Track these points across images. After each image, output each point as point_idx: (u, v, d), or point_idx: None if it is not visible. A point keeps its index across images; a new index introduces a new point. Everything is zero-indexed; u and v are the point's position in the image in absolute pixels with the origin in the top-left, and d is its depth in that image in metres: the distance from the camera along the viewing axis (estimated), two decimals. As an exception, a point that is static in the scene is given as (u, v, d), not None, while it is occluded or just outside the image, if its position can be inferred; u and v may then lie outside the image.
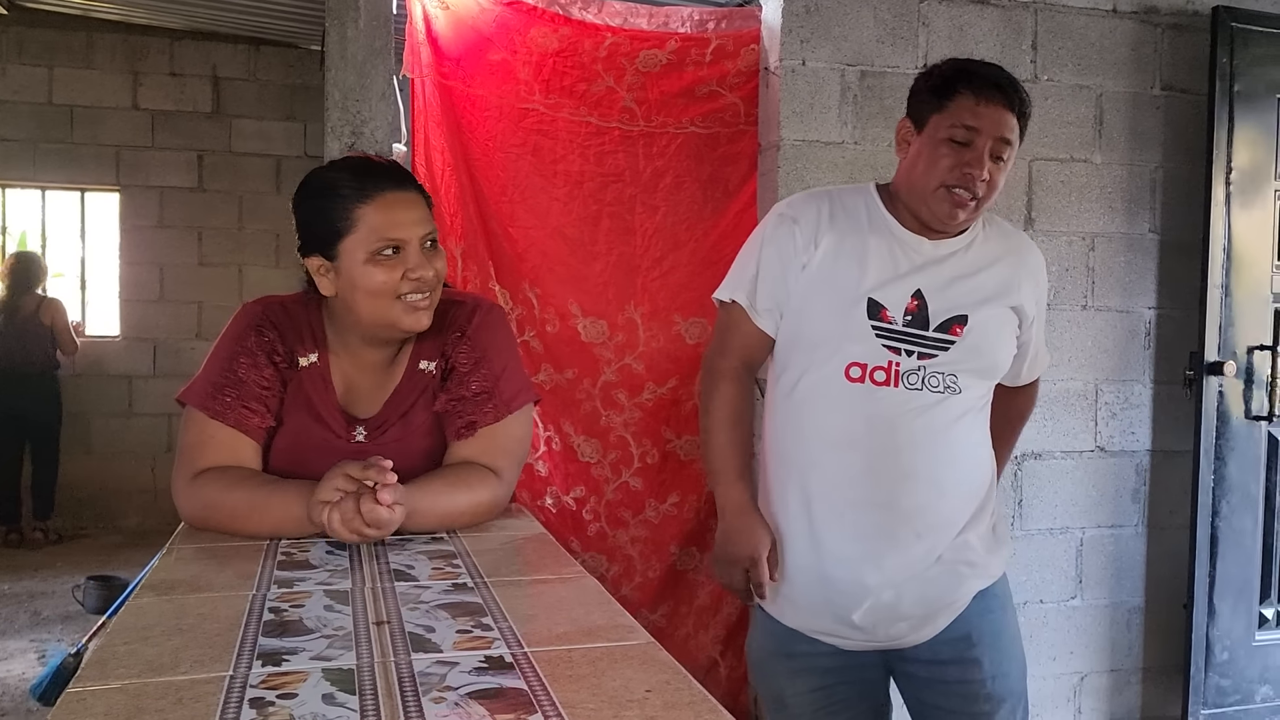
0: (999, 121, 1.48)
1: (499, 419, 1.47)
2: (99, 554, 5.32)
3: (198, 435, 1.41)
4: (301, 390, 1.46)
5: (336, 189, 1.42)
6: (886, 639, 1.60)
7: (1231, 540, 3.06)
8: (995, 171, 1.50)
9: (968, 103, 1.48)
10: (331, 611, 1.01)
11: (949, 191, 1.51)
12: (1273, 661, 3.13)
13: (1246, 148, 3.03)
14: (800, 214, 1.60)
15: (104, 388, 6.10)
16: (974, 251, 1.58)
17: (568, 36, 2.79)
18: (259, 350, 1.44)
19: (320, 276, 1.43)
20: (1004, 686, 1.59)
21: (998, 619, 1.61)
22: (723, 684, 2.95)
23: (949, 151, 1.50)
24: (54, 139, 6.02)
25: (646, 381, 2.88)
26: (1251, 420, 3.07)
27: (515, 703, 0.78)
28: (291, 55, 6.19)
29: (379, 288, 1.39)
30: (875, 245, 1.56)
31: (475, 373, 1.48)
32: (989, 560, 1.60)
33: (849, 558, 1.55)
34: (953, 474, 1.55)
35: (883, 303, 1.53)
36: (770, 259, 1.61)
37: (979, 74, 1.51)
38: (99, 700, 0.79)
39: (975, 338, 1.53)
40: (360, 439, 1.46)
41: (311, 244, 1.43)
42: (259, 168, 6.30)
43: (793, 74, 2.73)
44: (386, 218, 1.39)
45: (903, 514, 1.53)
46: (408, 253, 1.40)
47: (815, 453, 1.57)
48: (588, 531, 2.87)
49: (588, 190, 2.84)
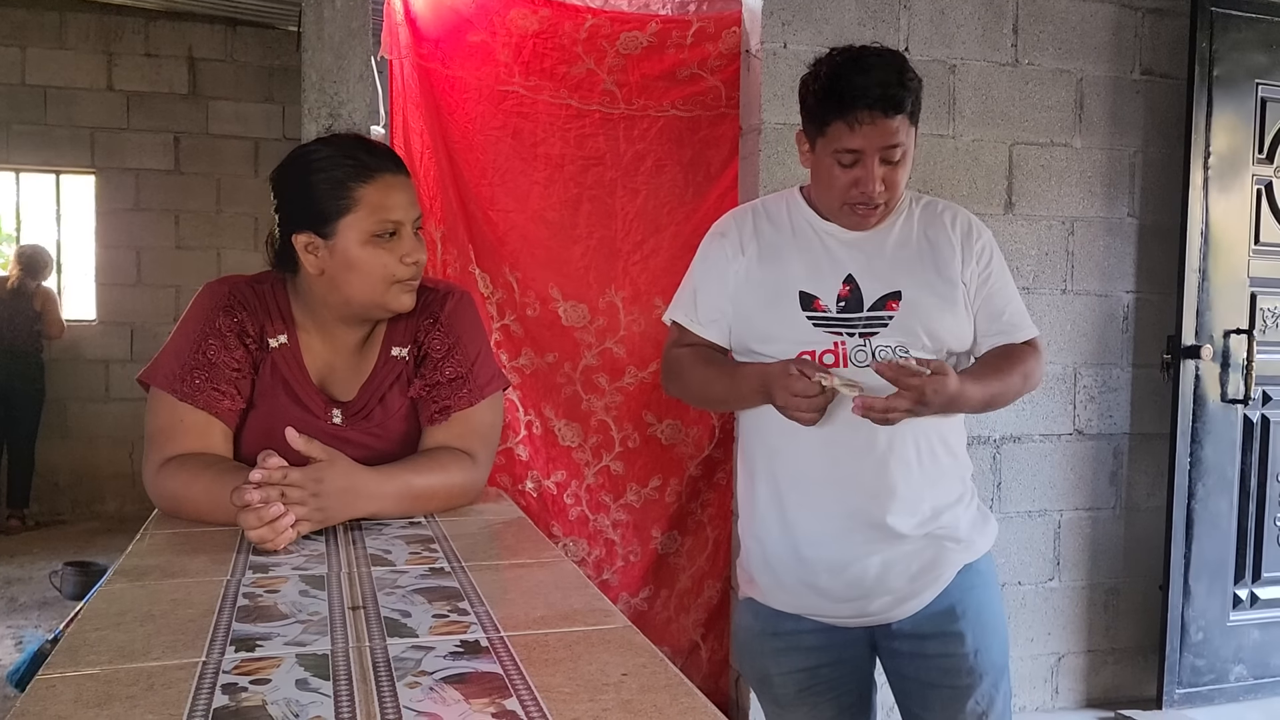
0: (879, 135, 1.48)
1: (473, 404, 1.47)
2: (76, 539, 5.28)
3: (167, 419, 1.38)
4: (275, 372, 1.44)
5: (335, 166, 1.39)
6: (870, 614, 1.62)
7: (1207, 522, 3.09)
8: (892, 173, 1.52)
9: (841, 130, 1.49)
10: (307, 597, 1.00)
11: (850, 207, 1.56)
12: (1247, 641, 3.17)
13: (1225, 133, 3.04)
14: (727, 228, 1.69)
15: (81, 372, 6.05)
16: (899, 229, 1.62)
17: (547, 18, 2.77)
18: (229, 331, 1.42)
19: (307, 254, 1.40)
20: (985, 661, 1.62)
21: (981, 594, 1.63)
22: (704, 667, 2.97)
23: (839, 173, 1.53)
24: (27, 120, 5.94)
25: (627, 365, 2.88)
26: (1228, 403, 3.10)
27: (490, 687, 0.78)
28: (269, 36, 6.12)
29: (378, 270, 1.38)
30: (800, 242, 1.62)
31: (449, 359, 1.48)
32: (973, 536, 1.63)
33: (821, 536, 1.58)
34: (917, 447, 1.57)
35: (814, 293, 1.58)
36: (705, 274, 1.69)
37: (847, 95, 1.48)
38: (69, 686, 0.78)
39: (911, 308, 1.56)
40: (337, 421, 1.45)
41: (301, 221, 1.40)
42: (237, 150, 6.24)
43: (774, 57, 2.72)
44: (386, 199, 1.38)
45: (866, 490, 1.56)
46: (402, 236, 1.40)
47: (775, 438, 1.62)
48: (569, 516, 2.87)
49: (568, 173, 2.82)
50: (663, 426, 2.91)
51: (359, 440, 1.44)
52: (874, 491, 1.56)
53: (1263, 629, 3.19)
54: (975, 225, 1.66)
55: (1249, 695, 3.17)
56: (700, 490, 2.97)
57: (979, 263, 1.62)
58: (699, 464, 2.94)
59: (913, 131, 1.54)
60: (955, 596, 1.61)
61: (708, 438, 2.93)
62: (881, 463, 1.55)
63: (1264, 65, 3.07)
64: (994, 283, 1.63)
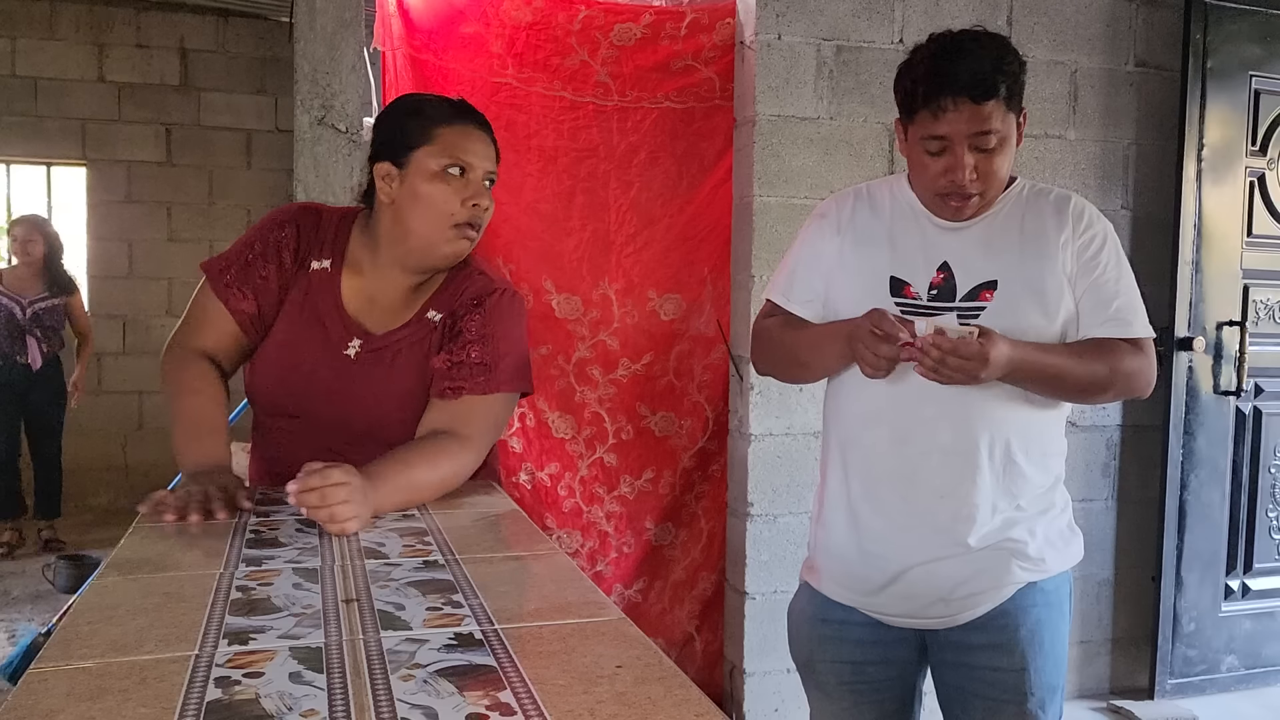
0: (967, 121, 1.43)
1: (487, 393, 1.48)
2: (70, 533, 5.26)
3: (199, 305, 1.56)
4: (309, 294, 1.52)
5: (425, 107, 1.53)
6: (923, 618, 1.58)
7: (1199, 513, 3.10)
8: (986, 161, 1.46)
9: (928, 119, 1.46)
10: (300, 590, 1.00)
11: (942, 198, 1.51)
12: (1238, 632, 3.18)
13: (1218, 125, 3.05)
14: (828, 210, 1.67)
15: (72, 365, 6.02)
16: (1004, 218, 1.55)
17: (541, 9, 2.76)
18: (272, 244, 1.53)
19: (383, 182, 1.49)
20: (1036, 680, 1.55)
21: (1041, 614, 1.55)
22: (698, 658, 2.97)
23: (928, 161, 1.49)
24: (18, 112, 5.90)
25: (621, 357, 2.88)
26: (1220, 395, 3.11)
27: (485, 680, 0.78)
28: (261, 27, 6.08)
29: (441, 204, 1.46)
30: (900, 227, 1.58)
31: (480, 343, 1.49)
32: (1045, 553, 1.55)
33: (882, 534, 1.55)
34: (991, 453, 1.51)
35: (905, 279, 1.54)
36: (803, 254, 1.66)
37: (933, 80, 1.44)
38: (62, 680, 0.77)
39: (1007, 300, 1.49)
40: (352, 353, 1.50)
41: (384, 150, 1.50)
42: (229, 142, 6.20)
43: (768, 48, 2.71)
44: (462, 141, 1.48)
45: (934, 492, 1.51)
46: (471, 179, 1.48)
47: (850, 429, 1.61)
48: (563, 508, 2.87)
49: (562, 165, 2.82)
50: (656, 418, 2.91)
51: (365, 378, 1.50)
52: (941, 495, 1.51)
53: (1254, 619, 3.20)
54: (1089, 213, 1.56)
55: (1240, 685, 3.18)
56: (694, 482, 2.97)
57: (1087, 252, 1.52)
58: (693, 456, 2.94)
59: (1012, 118, 1.47)
60: (1011, 612, 1.54)
61: (701, 430, 2.94)
62: (951, 466, 1.50)
63: (1257, 57, 3.08)
64: (1105, 272, 1.52)
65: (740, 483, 2.80)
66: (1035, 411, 1.55)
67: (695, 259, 2.91)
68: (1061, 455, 1.61)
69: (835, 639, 1.65)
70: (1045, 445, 1.58)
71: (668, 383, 2.91)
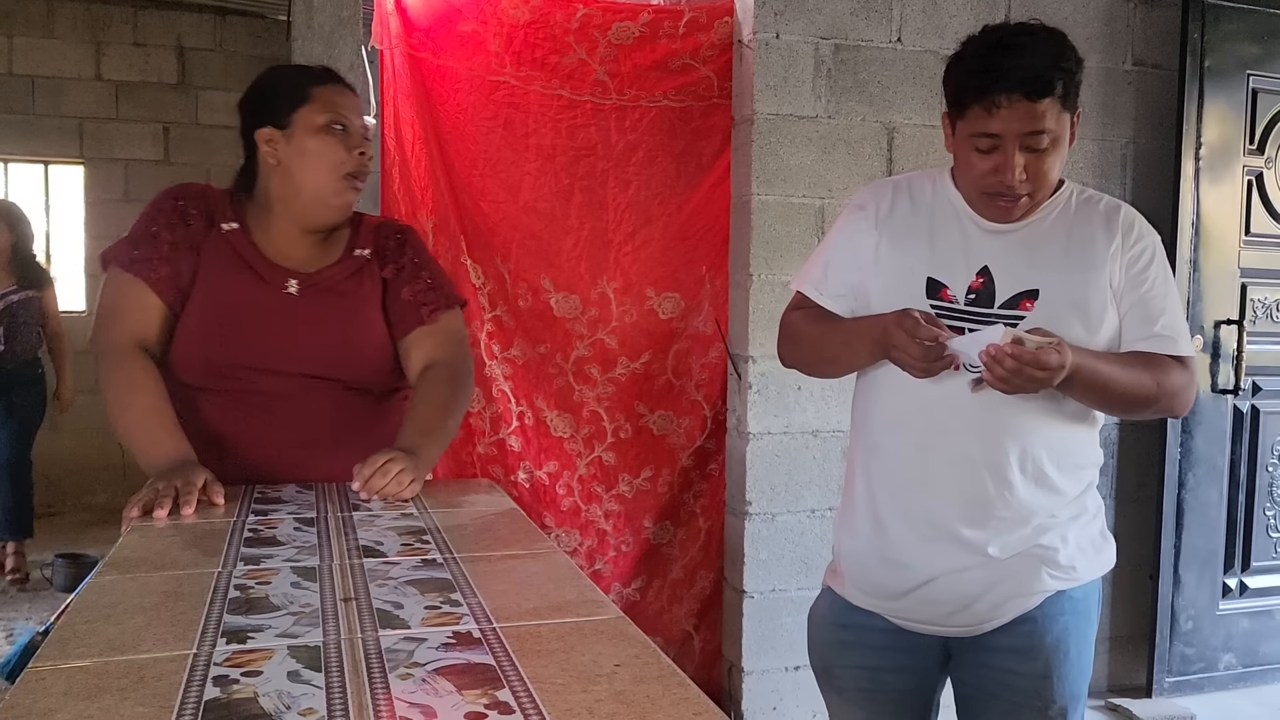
0: (1019, 120, 1.38)
1: (450, 307, 1.68)
2: (68, 532, 5.26)
3: (112, 294, 1.56)
4: (226, 249, 1.56)
5: (293, 73, 1.64)
6: (946, 627, 1.55)
7: (1197, 512, 3.11)
8: (1037, 161, 1.41)
9: (979, 115, 1.40)
10: (299, 588, 1.00)
11: (989, 197, 1.46)
12: (1236, 630, 3.19)
13: (1216, 124, 3.05)
14: (865, 201, 1.60)
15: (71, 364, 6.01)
16: (1051, 223, 1.50)
17: (539, 8, 2.75)
18: (173, 212, 1.57)
19: (269, 146, 1.55)
20: (1057, 688, 1.52)
21: (1068, 621, 1.52)
22: (696, 657, 2.97)
23: (977, 159, 1.44)
24: (15, 110, 5.89)
25: (619, 356, 2.87)
26: (1218, 394, 3.11)
27: (483, 678, 0.78)
28: (258, 25, 6.08)
29: (329, 156, 1.54)
30: (941, 225, 1.52)
31: (424, 269, 1.68)
32: (1076, 561, 1.52)
33: (906, 542, 1.52)
34: (1021, 463, 1.47)
35: (943, 281, 1.48)
36: (839, 246, 1.60)
37: (987, 76, 1.39)
38: (60, 678, 0.77)
39: (1048, 311, 1.43)
40: (292, 290, 1.56)
41: (263, 115, 1.56)
42: (226, 140, 6.05)
43: (766, 47, 2.71)
44: (337, 98, 1.58)
45: (959, 502, 1.48)
46: (352, 132, 1.57)
47: (877, 435, 1.56)
48: (561, 506, 2.87)
49: (559, 164, 2.81)
50: (655, 417, 2.91)
51: (312, 313, 1.55)
52: (966, 505, 1.47)
53: (1252, 618, 3.21)
54: (1140, 225, 1.50)
55: (1238, 683, 3.19)
56: (693, 481, 2.97)
57: (1136, 264, 1.48)
58: (691, 454, 2.94)
59: (1066, 118, 1.41)
60: (1038, 619, 1.51)
61: (700, 429, 2.94)
62: (977, 477, 1.46)
63: (1255, 56, 3.08)
64: (1152, 288, 1.47)
65: (738, 481, 2.80)
66: (1068, 423, 1.50)
67: (693, 257, 2.90)
68: (1095, 465, 1.56)
69: (855, 644, 1.63)
70: (1078, 457, 1.53)
71: (666, 381, 2.91)
